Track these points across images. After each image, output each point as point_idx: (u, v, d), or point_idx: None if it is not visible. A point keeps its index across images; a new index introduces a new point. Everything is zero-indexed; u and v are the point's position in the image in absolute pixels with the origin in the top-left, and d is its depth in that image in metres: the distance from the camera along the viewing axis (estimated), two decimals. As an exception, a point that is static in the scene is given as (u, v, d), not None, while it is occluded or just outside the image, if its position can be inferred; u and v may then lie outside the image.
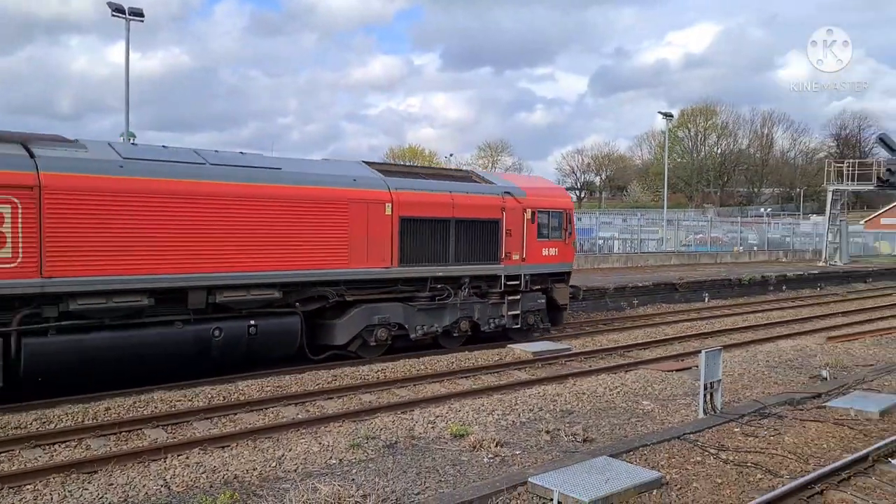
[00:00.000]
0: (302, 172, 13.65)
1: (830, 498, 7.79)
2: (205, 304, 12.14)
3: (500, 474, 8.25)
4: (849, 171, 39.76)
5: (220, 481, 7.95)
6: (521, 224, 16.72)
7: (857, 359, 15.81)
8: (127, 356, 11.38)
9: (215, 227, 12.04)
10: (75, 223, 10.66)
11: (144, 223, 11.28)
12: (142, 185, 11.33)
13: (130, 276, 11.18)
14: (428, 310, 15.31)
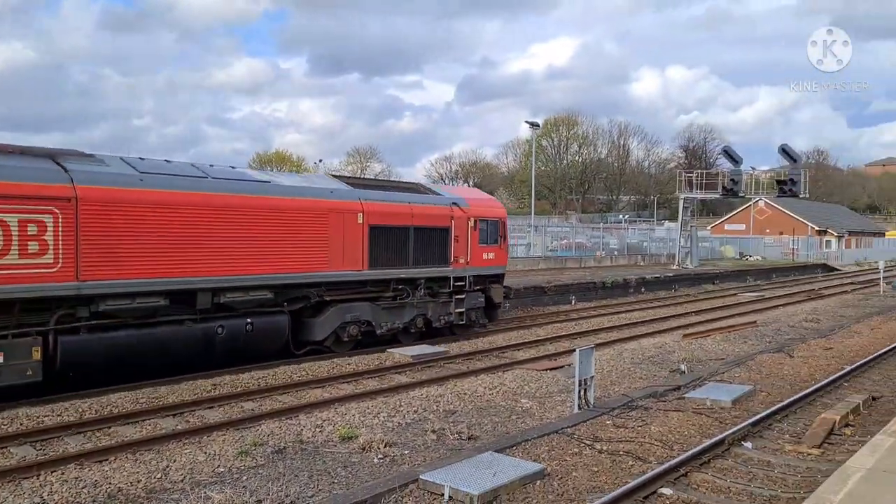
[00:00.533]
0: (288, 185, 15.27)
1: (694, 479, 8.52)
2: (210, 304, 13.36)
3: (391, 473, 8.45)
4: (698, 180, 42.75)
5: (103, 495, 7.69)
6: (465, 231, 18.58)
7: (710, 353, 17.15)
8: (146, 351, 12.54)
9: (219, 235, 13.26)
10: (105, 231, 11.76)
11: (160, 231, 12.42)
12: (158, 196, 12.48)
13: (150, 279, 12.37)
14: (391, 308, 17.06)
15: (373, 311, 16.56)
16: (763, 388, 13.51)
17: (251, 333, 13.97)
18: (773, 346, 18.38)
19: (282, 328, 14.71)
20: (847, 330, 21.74)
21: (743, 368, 15.27)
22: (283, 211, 14.36)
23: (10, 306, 11.02)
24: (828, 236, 77.14)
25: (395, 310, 17.14)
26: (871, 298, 31.98)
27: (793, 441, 10.09)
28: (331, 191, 15.75)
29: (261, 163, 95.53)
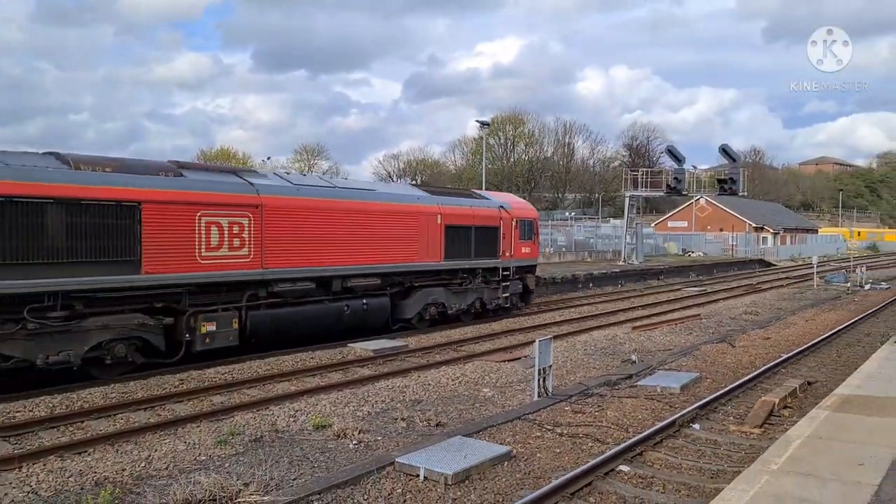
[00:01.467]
0: (389, 193, 19.44)
1: (649, 457, 9.19)
2: (340, 288, 16.99)
3: (367, 458, 8.91)
4: (643, 178, 44.05)
5: (90, 483, 7.97)
6: (510, 230, 22.33)
7: (658, 344, 18.00)
8: (301, 323, 16.12)
9: (346, 233, 16.85)
10: (279, 230, 15.25)
11: (310, 230, 15.97)
12: (308, 203, 16.04)
13: (304, 267, 15.96)
14: (458, 292, 20.77)
15: (446, 295, 20.30)
16: (708, 375, 14.35)
17: (366, 311, 17.65)
18: (716, 336, 19.35)
19: (386, 307, 18.46)
20: (784, 321, 22.93)
21: (689, 358, 16.13)
22: (388, 214, 18.09)
23: (219, 288, 14.47)
24: (764, 233, 79.91)
25: (461, 294, 20.87)
26: (806, 292, 33.55)
27: (737, 422, 10.87)
28: (418, 197, 19.69)
29: (205, 159, 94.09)
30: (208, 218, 14.07)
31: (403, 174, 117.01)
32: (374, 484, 8.02)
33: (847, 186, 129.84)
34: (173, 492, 7.38)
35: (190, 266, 13.79)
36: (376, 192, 18.64)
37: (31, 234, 11.63)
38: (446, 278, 20.28)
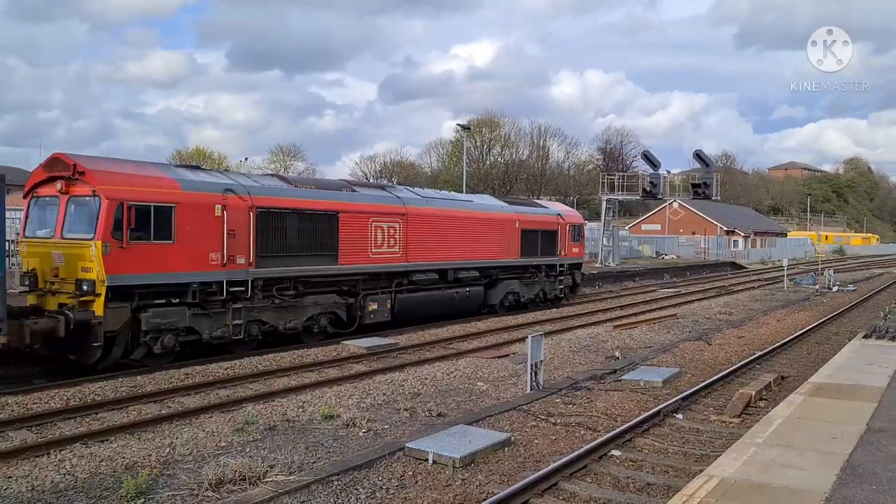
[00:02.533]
0: (482, 203, 24.07)
1: (637, 443, 9.93)
2: (452, 279, 21.43)
3: (377, 444, 9.54)
4: (619, 182, 45.06)
5: (121, 468, 8.50)
6: (565, 233, 26.80)
7: (639, 342, 18.81)
8: (427, 305, 20.63)
9: (456, 235, 21.52)
10: (415, 233, 19.82)
11: (433, 232, 20.54)
12: (432, 212, 20.82)
13: (430, 262, 20.50)
14: (528, 284, 25.11)
15: (520, 286, 24.69)
16: (688, 370, 15.17)
17: (468, 297, 22.16)
18: (693, 335, 20.22)
19: (480, 295, 22.95)
20: (756, 321, 23.91)
21: (669, 354, 16.95)
22: (483, 220, 22.88)
23: (379, 276, 19.07)
24: (735, 236, 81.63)
25: (530, 285, 25.25)
26: (777, 294, 34.69)
27: (717, 412, 11.66)
28: (502, 207, 24.64)
29: (180, 159, 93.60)
30: (376, 223, 18.75)
31: (380, 176, 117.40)
32: (386, 467, 8.66)
33: (815, 191, 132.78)
34: (205, 472, 7.96)
35: (365, 259, 18.44)
36: (475, 203, 23.68)
37: (279, 235, 16.07)
38: (520, 272, 24.75)
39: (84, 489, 7.78)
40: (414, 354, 17.00)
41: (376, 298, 18.88)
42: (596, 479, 8.58)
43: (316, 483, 7.99)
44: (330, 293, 17.69)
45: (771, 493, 6.32)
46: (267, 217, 15.74)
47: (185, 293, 14.36)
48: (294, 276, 16.57)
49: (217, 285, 14.79)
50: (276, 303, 16.15)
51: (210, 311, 14.85)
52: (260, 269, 15.59)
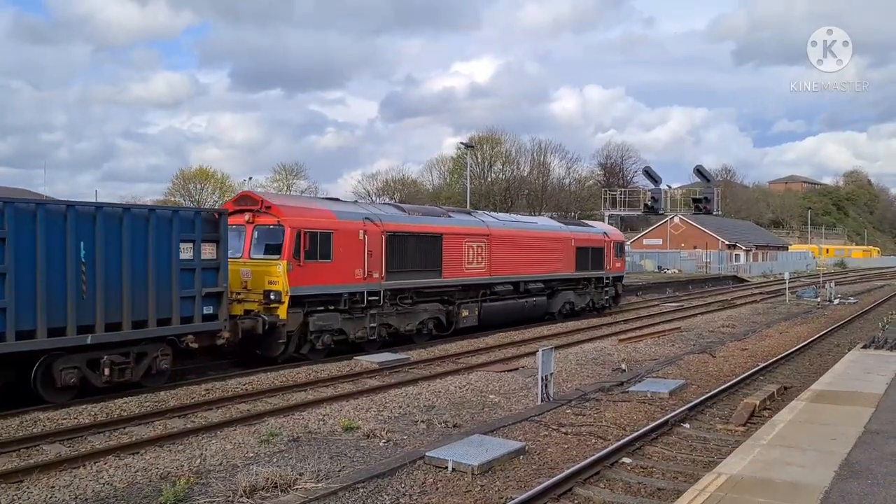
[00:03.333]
0: (544, 224, 28.38)
1: (647, 451, 10.35)
2: (522, 290, 24.95)
3: (398, 453, 9.97)
4: (621, 198, 45.59)
5: (156, 477, 8.93)
6: (610, 249, 30.23)
7: (644, 355, 19.22)
8: (505, 312, 24.03)
9: (526, 252, 25.01)
10: (497, 251, 23.22)
11: (509, 250, 23.99)
12: (507, 233, 24.25)
13: (506, 276, 23.96)
14: (580, 294, 28.70)
15: (575, 296, 28.29)
16: (693, 382, 15.59)
17: (535, 306, 25.74)
18: (697, 348, 20.63)
19: (544, 304, 26.45)
20: (759, 334, 24.32)
21: (674, 367, 17.37)
22: (546, 239, 26.34)
23: (470, 288, 22.41)
24: (737, 250, 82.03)
25: (582, 295, 28.82)
26: (779, 307, 35.09)
27: (722, 421, 12.08)
28: (560, 227, 28.43)
29: (184, 179, 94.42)
30: (468, 243, 22.19)
31: (381, 193, 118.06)
32: (408, 475, 9.08)
33: (815, 204, 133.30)
34: (238, 480, 8.40)
35: (461, 274, 21.95)
36: (539, 224, 27.91)
37: (401, 254, 19.66)
38: (575, 284, 28.27)
39: (124, 497, 8.21)
40: (425, 369, 17.41)
41: (467, 306, 22.42)
42: (609, 484, 9.00)
43: (343, 490, 8.41)
44: (434, 302, 21.44)
45: (775, 487, 6.86)
46: (393, 239, 19.43)
47: (337, 301, 17.98)
48: (412, 288, 20.33)
49: (359, 295, 18.46)
50: (398, 309, 19.99)
51: (354, 316, 18.47)
52: (389, 281, 19.29)
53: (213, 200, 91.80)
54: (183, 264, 14.24)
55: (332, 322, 17.81)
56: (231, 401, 13.56)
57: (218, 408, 13.11)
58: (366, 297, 18.52)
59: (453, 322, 21.98)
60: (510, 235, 24.31)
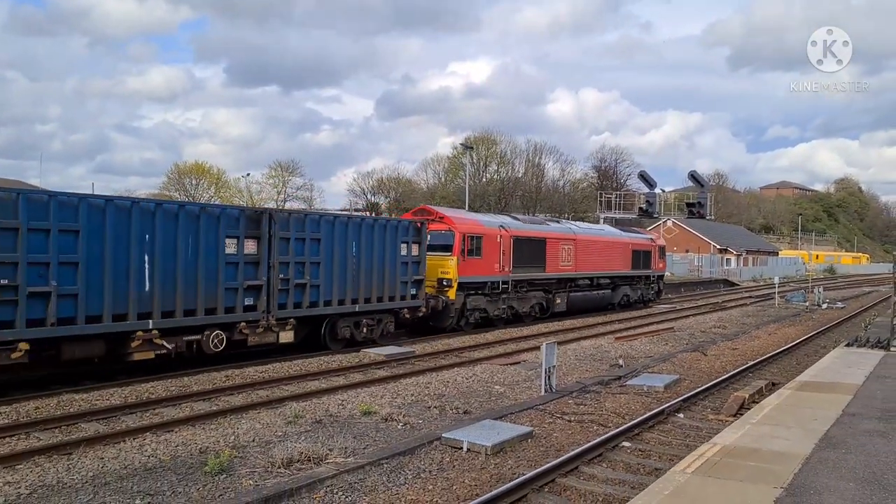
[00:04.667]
0: (609, 231, 34.66)
1: (645, 437, 11.19)
2: (595, 283, 30.91)
3: (416, 435, 10.77)
4: (616, 201, 46.50)
5: (197, 451, 9.71)
6: (655, 252, 36.77)
7: (640, 352, 20.09)
8: (583, 301, 29.96)
9: (597, 254, 30.93)
10: (579, 252, 29.17)
11: (587, 251, 29.92)
12: (587, 237, 30.61)
13: (585, 272, 29.88)
14: (634, 289, 34.95)
15: (630, 290, 34.46)
16: (686, 377, 16.44)
17: (603, 297, 31.83)
18: (690, 346, 21.51)
19: (609, 297, 32.55)
20: (749, 335, 25.22)
21: (668, 363, 18.23)
22: (610, 243, 32.80)
23: (561, 281, 28.43)
24: (728, 254, 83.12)
25: (634, 290, 35.07)
26: (768, 310, 36.05)
27: (714, 412, 12.93)
28: (620, 234, 34.78)
29: (179, 174, 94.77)
30: (562, 246, 28.46)
31: (376, 191, 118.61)
32: (426, 454, 9.89)
33: (806, 211, 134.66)
34: (274, 454, 9.19)
35: (557, 269, 27.98)
36: (605, 231, 34.51)
37: (520, 253, 25.68)
38: (630, 281, 34.39)
39: (171, 468, 8.98)
40: (430, 362, 18.23)
41: (559, 295, 28.49)
42: (610, 464, 9.83)
43: (369, 465, 9.21)
44: (539, 291, 27.55)
45: (763, 454, 7.87)
46: (516, 242, 25.74)
47: (483, 287, 24.36)
48: (527, 279, 26.49)
49: (496, 283, 24.78)
50: (518, 295, 26.09)
51: (492, 299, 24.87)
52: (513, 274, 25.59)
53: (209, 196, 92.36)
54: (402, 259, 20.62)
55: (480, 303, 24.33)
56: (251, 387, 14.35)
57: (239, 393, 13.90)
58: (500, 285, 24.88)
59: (549, 307, 27.99)
60: (589, 240, 30.60)
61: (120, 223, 13.73)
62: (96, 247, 13.35)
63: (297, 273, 17.22)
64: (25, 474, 8.68)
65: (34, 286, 12.40)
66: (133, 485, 8.34)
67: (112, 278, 13.53)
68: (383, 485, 8.68)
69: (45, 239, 12.62)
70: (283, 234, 16.88)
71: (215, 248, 15.43)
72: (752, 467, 7.48)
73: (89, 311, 13.20)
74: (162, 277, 14.37)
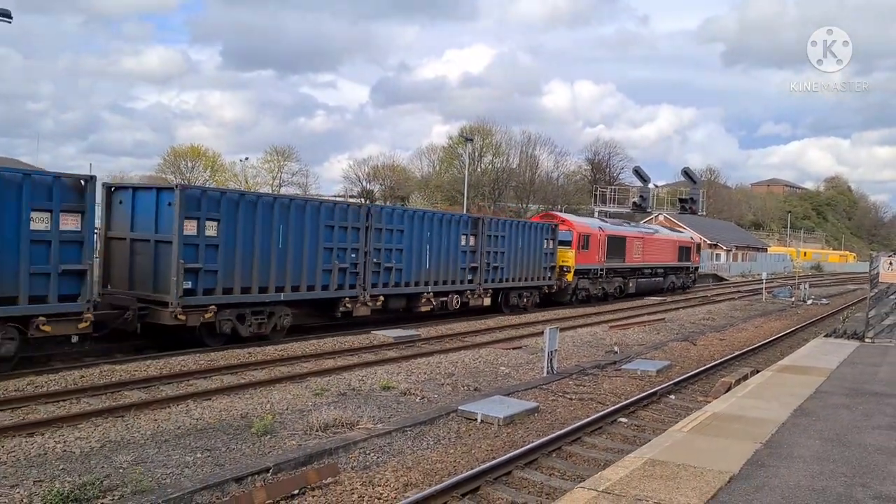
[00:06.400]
0: (659, 230, 42.94)
1: (640, 414, 12.35)
2: (652, 273, 39.50)
3: (433, 407, 11.88)
4: (611, 195, 47.66)
5: (238, 416, 10.77)
6: (693, 248, 44.83)
7: (633, 340, 21.26)
8: (647, 285, 38.69)
9: (652, 249, 38.85)
10: (644, 247, 38.16)
11: (649, 247, 38.38)
12: (650, 236, 39.55)
13: (649, 263, 38.74)
14: (677, 277, 43.08)
15: (675, 278, 42.41)
16: (677, 363, 17.63)
17: (658, 283, 40.05)
18: (680, 336, 22.70)
19: (662, 282, 40.66)
20: (736, 327, 26.46)
21: (660, 351, 19.41)
22: (661, 240, 40.41)
23: (633, 269, 37.07)
24: (718, 250, 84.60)
25: (678, 278, 42.85)
26: (756, 304, 37.35)
27: (703, 395, 14.08)
28: (669, 233, 43.68)
29: (175, 156, 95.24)
30: (635, 243, 36.55)
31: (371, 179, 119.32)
32: (444, 423, 10.99)
33: (795, 208, 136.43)
34: (311, 419, 10.27)
35: (631, 261, 36.15)
36: (660, 231, 42.30)
37: (609, 247, 33.53)
38: (675, 271, 42.34)
39: (220, 429, 10.05)
40: (435, 345, 19.31)
41: (631, 281, 36.78)
42: (609, 436, 10.97)
43: (395, 431, 10.30)
44: (619, 277, 35.52)
45: (747, 419, 9.26)
46: (609, 240, 33.75)
47: (588, 273, 32.29)
48: (613, 268, 34.46)
49: (596, 270, 32.84)
50: (607, 279, 34.10)
51: (593, 281, 32.86)
52: (606, 264, 33.57)
53: (205, 179, 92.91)
54: (544, 251, 29.10)
55: (586, 284, 32.38)
56: (273, 363, 15.40)
57: (262, 368, 14.95)
58: (598, 271, 32.97)
59: (625, 289, 36.13)
60: (652, 238, 39.02)
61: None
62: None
63: (495, 258, 26.08)
64: (89, 432, 9.72)
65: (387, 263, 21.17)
66: (190, 441, 9.42)
67: (417, 258, 22.32)
68: (409, 448, 9.79)
69: (390, 235, 21.32)
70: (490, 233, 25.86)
71: (456, 243, 24.24)
72: (738, 429, 8.81)
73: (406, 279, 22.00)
74: (436, 260, 23.25)
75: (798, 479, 6.87)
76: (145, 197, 16.58)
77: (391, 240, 21.22)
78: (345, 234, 19.61)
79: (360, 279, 20.05)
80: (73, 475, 7.89)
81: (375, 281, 20.62)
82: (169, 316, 15.22)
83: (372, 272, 20.42)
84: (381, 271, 20.82)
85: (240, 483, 8.03)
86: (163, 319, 15.37)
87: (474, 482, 8.37)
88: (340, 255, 19.42)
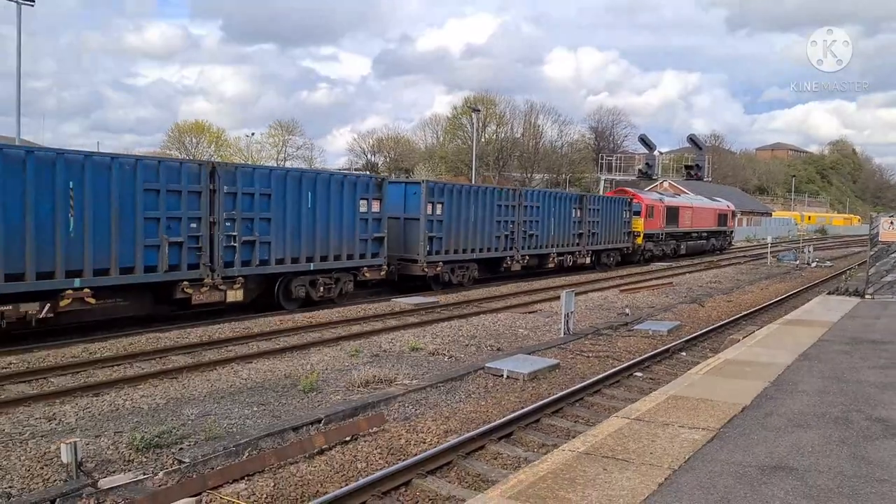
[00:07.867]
0: (705, 200, 51.01)
1: (653, 369, 13.21)
2: (697, 236, 46.40)
3: (461, 365, 12.74)
4: (616, 163, 48.27)
5: (283, 376, 11.65)
6: (729, 214, 52.06)
7: (643, 303, 22.08)
8: (694, 247, 45.67)
9: (698, 216, 46.12)
10: (692, 215, 45.18)
11: (693, 215, 45.29)
12: (696, 205, 46.99)
13: (695, 228, 45.87)
14: (717, 239, 49.65)
15: (714, 241, 48.87)
16: (686, 324, 18.47)
17: (702, 245, 46.74)
18: (688, 299, 23.51)
19: (704, 245, 47.12)
20: (742, 289, 27.26)
21: (669, 312, 20.24)
22: (705, 209, 47.83)
23: (685, 233, 44.12)
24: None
25: (717, 240, 49.33)
26: (761, 268, 38.11)
27: (712, 352, 14.88)
28: (710, 202, 50.30)
29: (179, 132, 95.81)
30: (685, 211, 43.51)
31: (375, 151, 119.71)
32: (473, 379, 11.86)
33: (800, 173, 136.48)
34: (352, 377, 11.15)
35: (684, 226, 43.27)
36: (703, 201, 49.06)
37: (669, 216, 41.04)
38: (715, 234, 48.29)
39: (269, 387, 10.93)
40: (454, 311, 20.13)
41: (682, 243, 42.98)
42: (627, 388, 11.84)
43: (429, 387, 11.17)
44: (674, 241, 41.97)
45: (756, 363, 10.45)
46: (668, 209, 40.36)
47: (652, 237, 38.80)
48: (670, 232, 41.06)
49: (659, 235, 39.43)
50: (665, 242, 40.48)
51: (656, 244, 39.37)
52: (665, 229, 40.23)
53: (210, 154, 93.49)
54: (624, 220, 35.87)
55: (650, 246, 38.63)
56: (304, 329, 16.28)
57: (294, 334, 15.82)
58: (660, 235, 39.60)
59: (678, 251, 42.37)
60: (698, 207, 45.64)
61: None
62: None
63: (593, 227, 32.58)
64: (151, 391, 10.62)
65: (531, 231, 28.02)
66: (244, 398, 10.30)
67: (546, 227, 28.75)
68: (444, 401, 10.66)
69: (532, 210, 28.12)
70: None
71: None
72: (748, 371, 9.96)
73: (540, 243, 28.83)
74: (556, 229, 29.88)
75: (801, 408, 7.93)
76: (394, 189, 22.58)
77: (533, 214, 27.86)
78: (508, 211, 26.39)
79: (516, 243, 26.92)
80: (148, 427, 8.77)
81: (522, 245, 27.15)
82: (418, 268, 22.42)
83: (521, 238, 27.12)
84: (526, 237, 27.48)
85: (296, 432, 8.92)
86: (413, 271, 22.56)
87: (508, 428, 9.26)
88: (503, 225, 26.11)
